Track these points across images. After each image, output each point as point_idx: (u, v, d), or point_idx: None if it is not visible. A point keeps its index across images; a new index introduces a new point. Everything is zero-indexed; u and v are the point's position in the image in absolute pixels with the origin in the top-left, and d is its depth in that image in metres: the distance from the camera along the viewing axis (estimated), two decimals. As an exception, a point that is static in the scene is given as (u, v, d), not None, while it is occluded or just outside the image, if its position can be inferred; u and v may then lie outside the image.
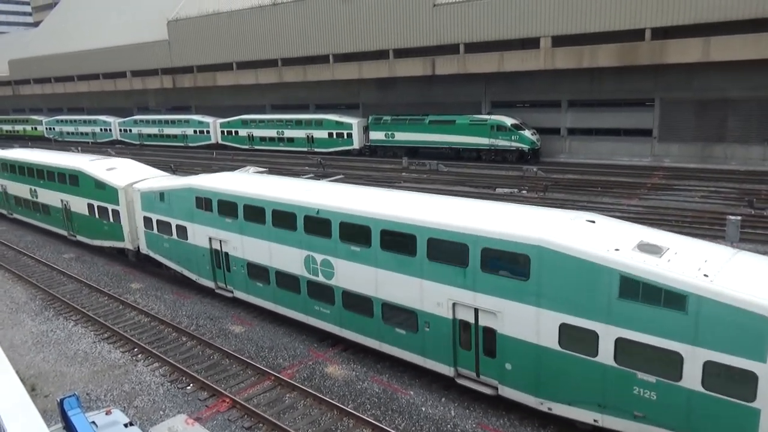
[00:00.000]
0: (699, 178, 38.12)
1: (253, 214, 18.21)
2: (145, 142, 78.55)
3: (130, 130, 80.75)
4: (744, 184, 35.40)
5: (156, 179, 24.02)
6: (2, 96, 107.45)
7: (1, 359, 3.92)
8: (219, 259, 20.21)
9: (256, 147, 65.52)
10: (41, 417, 3.22)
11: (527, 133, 46.93)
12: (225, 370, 16.18)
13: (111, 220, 25.32)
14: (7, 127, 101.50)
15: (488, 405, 13.71)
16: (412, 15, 52.22)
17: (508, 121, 47.42)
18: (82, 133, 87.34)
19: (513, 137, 46.88)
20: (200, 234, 20.51)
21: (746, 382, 9.49)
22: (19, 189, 32.78)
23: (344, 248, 15.66)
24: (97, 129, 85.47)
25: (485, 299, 12.69)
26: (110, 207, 25.11)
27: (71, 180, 27.58)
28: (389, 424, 13.15)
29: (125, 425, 10.99)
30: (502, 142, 47.33)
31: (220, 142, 69.62)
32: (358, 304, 15.72)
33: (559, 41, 44.64)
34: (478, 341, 13.25)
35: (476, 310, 13.06)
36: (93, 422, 10.76)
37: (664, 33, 40.53)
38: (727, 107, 42.09)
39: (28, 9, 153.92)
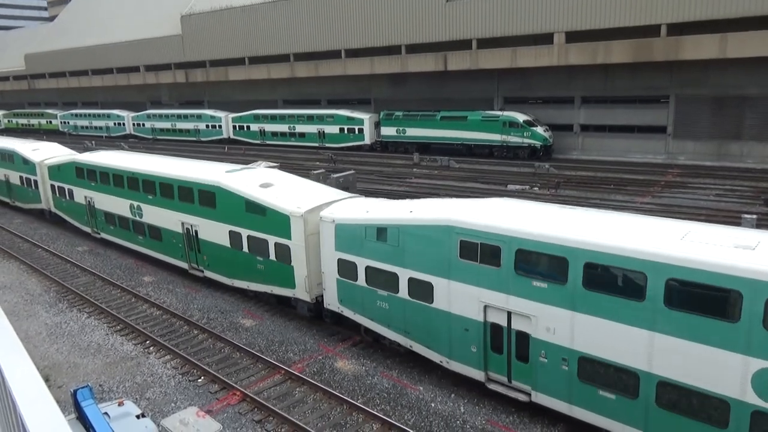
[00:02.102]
0: (714, 176, 37.66)
1: (596, 275, 11.41)
2: (158, 137, 79.08)
3: (143, 125, 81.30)
4: (760, 183, 34.91)
5: (350, 204, 17.14)
6: (18, 90, 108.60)
7: (18, 348, 3.96)
8: (500, 340, 13.19)
9: (268, 142, 65.70)
10: (57, 406, 3.25)
11: (539, 129, 46.61)
12: (236, 363, 16.28)
13: (274, 257, 18.38)
14: (22, 121, 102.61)
15: (497, 402, 13.67)
16: (424, 10, 51.98)
17: (521, 117, 47.12)
18: (96, 127, 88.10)
19: (525, 134, 46.58)
20: (462, 297, 13.41)
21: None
22: (113, 204, 26.23)
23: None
24: (110, 123, 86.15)
25: None
26: (274, 240, 18.16)
27: (203, 197, 20.81)
28: (398, 420, 13.16)
29: (137, 417, 11.10)
30: (514, 139, 47.07)
31: (231, 136, 69.90)
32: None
33: (572, 37, 44.22)
34: None
35: None
36: (106, 413, 10.87)
37: (679, 29, 40.00)
38: (744, 104, 41.50)
39: (43, 4, 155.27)
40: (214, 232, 20.68)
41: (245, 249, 19.37)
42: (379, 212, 15.59)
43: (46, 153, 33.19)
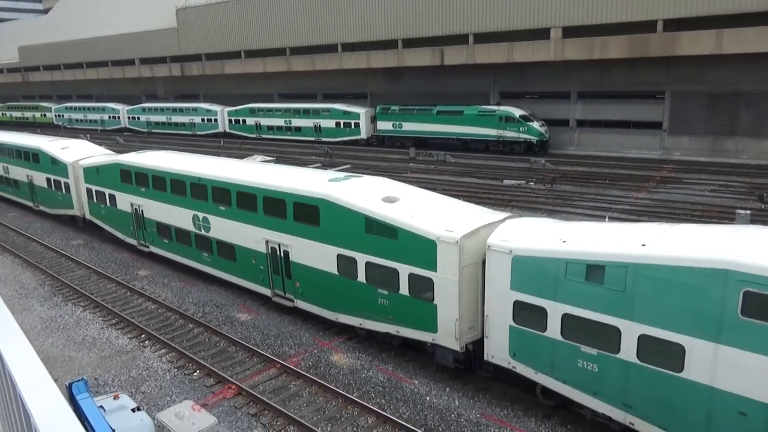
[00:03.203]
0: (709, 171, 37.80)
1: None
2: (153, 130, 78.75)
3: (139, 118, 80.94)
4: (755, 179, 35.07)
5: (524, 227, 13.10)
6: (12, 83, 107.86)
7: (18, 335, 3.98)
8: None
9: (264, 136, 65.53)
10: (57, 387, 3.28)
11: (536, 124, 46.65)
12: (231, 357, 16.30)
13: (406, 292, 14.42)
14: (17, 114, 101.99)
15: (492, 395, 13.75)
16: (421, 4, 51.82)
17: (517, 112, 47.14)
18: (90, 121, 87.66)
19: (521, 128, 46.61)
20: (740, 371, 9.62)
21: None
22: (170, 214, 22.50)
23: None
24: (105, 116, 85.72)
25: None
26: (409, 270, 14.23)
27: (301, 212, 17.02)
28: (393, 413, 13.22)
29: (132, 410, 11.12)
30: (510, 134, 47.09)
31: (227, 130, 69.67)
32: None
33: (569, 32, 44.21)
34: None
35: None
36: (101, 407, 10.89)
37: (676, 24, 40.04)
38: (739, 100, 41.63)
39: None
40: (313, 254, 16.80)
41: (361, 278, 15.48)
42: (586, 241, 11.61)
43: (78, 152, 29.49)
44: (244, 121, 67.52)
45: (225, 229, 19.98)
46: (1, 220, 33.47)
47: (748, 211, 22.58)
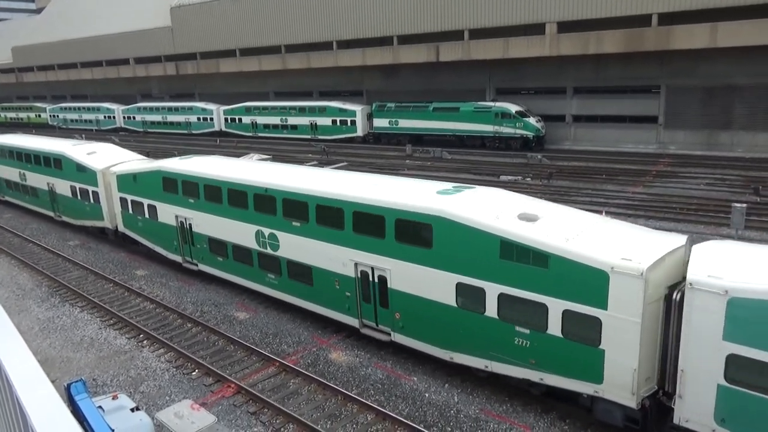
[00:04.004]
0: (704, 165, 37.91)
1: None
2: (149, 130, 78.55)
3: (134, 118, 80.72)
4: (750, 172, 35.19)
5: (719, 253, 10.83)
6: (6, 83, 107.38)
7: (14, 336, 3.98)
8: None
9: (260, 134, 65.43)
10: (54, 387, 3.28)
11: (532, 120, 46.68)
12: (230, 356, 16.30)
13: (559, 332, 11.94)
14: (11, 115, 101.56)
15: (491, 391, 13.79)
16: (416, 1, 51.77)
17: (513, 108, 47.16)
18: (85, 121, 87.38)
19: (517, 124, 46.64)
20: None
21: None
22: (224, 229, 19.87)
23: None
24: (100, 116, 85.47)
25: None
26: (564, 306, 11.76)
27: (406, 231, 14.33)
28: (393, 410, 13.24)
29: (131, 410, 11.12)
30: (506, 130, 47.12)
31: (223, 129, 69.56)
32: None
33: (564, 27, 44.23)
34: None
35: None
36: (100, 407, 10.88)
37: (670, 18, 40.10)
38: (733, 94, 41.74)
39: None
40: (422, 282, 14.13)
41: (491, 313, 12.87)
42: None
43: (107, 158, 26.85)
44: (240, 119, 67.39)
45: (299, 248, 17.19)
46: (-3, 221, 33.38)
47: (744, 205, 22.65)
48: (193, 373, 15.38)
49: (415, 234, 14.06)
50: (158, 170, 22.34)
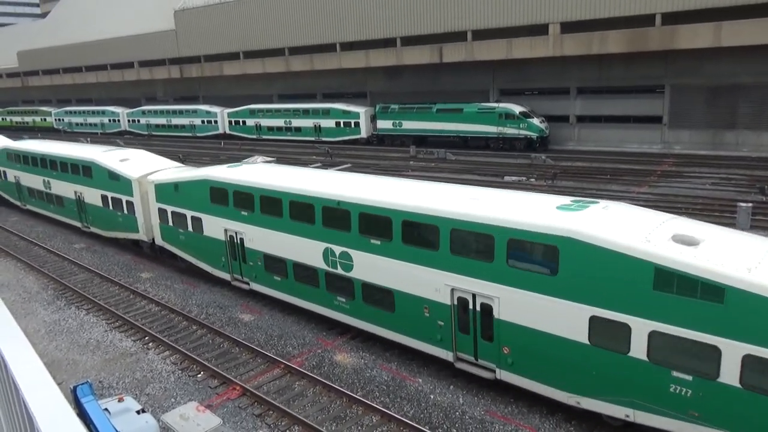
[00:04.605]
0: (710, 165, 37.76)
1: None
2: (153, 133, 78.83)
3: (138, 121, 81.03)
4: (755, 171, 35.04)
5: None
6: (11, 87, 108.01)
7: (20, 338, 4.01)
8: None
9: (264, 137, 65.57)
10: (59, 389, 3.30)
11: (536, 120, 46.62)
12: (235, 358, 16.33)
13: None
14: (16, 119, 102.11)
15: (496, 393, 13.76)
16: (419, 2, 51.82)
17: (517, 108, 47.11)
18: (90, 124, 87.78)
19: (521, 125, 46.58)
20: None
21: None
22: (284, 245, 17.72)
23: None
24: (105, 120, 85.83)
25: None
26: None
27: (522, 253, 12.39)
28: (398, 412, 13.23)
29: (137, 412, 11.16)
30: (510, 130, 47.06)
31: (227, 132, 69.72)
32: None
33: (567, 27, 44.18)
34: None
35: None
36: (106, 409, 10.93)
37: (674, 18, 40.00)
38: (738, 93, 41.57)
39: (36, 0, 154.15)
40: (542, 313, 12.06)
41: (638, 354, 10.82)
42: None
43: (142, 165, 25.16)
44: (244, 122, 67.56)
45: (378, 269, 15.10)
46: (3, 224, 33.54)
47: (750, 205, 22.56)
48: (199, 375, 15.41)
49: (533, 257, 12.08)
50: (205, 179, 20.33)
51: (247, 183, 18.70)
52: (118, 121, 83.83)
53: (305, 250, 16.90)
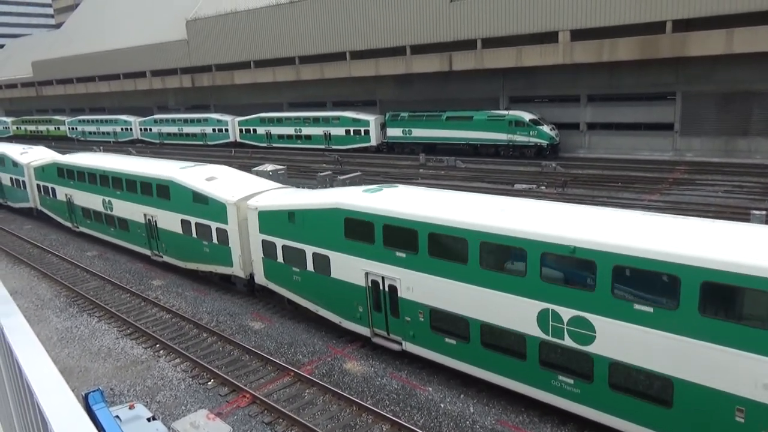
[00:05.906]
0: (722, 172, 37.42)
1: None
2: (165, 141, 79.54)
3: (151, 129, 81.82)
4: (769, 179, 34.68)
5: None
6: (26, 97, 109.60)
7: (35, 344, 4.07)
8: None
9: (274, 145, 65.93)
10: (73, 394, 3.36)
11: (546, 128, 46.50)
12: (245, 366, 16.34)
13: None
14: (31, 128, 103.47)
15: (507, 401, 13.65)
16: (428, 11, 52.02)
17: (527, 116, 47.02)
18: (103, 133, 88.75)
19: (531, 132, 46.47)
20: None
21: None
22: (475, 300, 13.30)
23: None
24: (118, 128, 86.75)
25: None
26: None
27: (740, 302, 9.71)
28: (408, 420, 13.17)
29: (148, 419, 11.20)
30: (520, 138, 46.96)
31: (238, 140, 70.19)
32: None
33: (577, 35, 44.11)
34: None
35: None
36: (117, 416, 10.97)
37: (685, 25, 39.81)
38: (751, 100, 41.22)
39: (50, 11, 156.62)
40: None
41: None
42: None
43: (235, 186, 21.15)
44: (254, 130, 67.99)
45: (646, 346, 10.65)
46: (17, 232, 33.91)
47: (764, 212, 22.30)
48: (209, 383, 15.44)
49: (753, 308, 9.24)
50: (336, 208, 16.20)
51: (407, 216, 14.33)
52: (131, 129, 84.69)
53: (507, 309, 12.67)
